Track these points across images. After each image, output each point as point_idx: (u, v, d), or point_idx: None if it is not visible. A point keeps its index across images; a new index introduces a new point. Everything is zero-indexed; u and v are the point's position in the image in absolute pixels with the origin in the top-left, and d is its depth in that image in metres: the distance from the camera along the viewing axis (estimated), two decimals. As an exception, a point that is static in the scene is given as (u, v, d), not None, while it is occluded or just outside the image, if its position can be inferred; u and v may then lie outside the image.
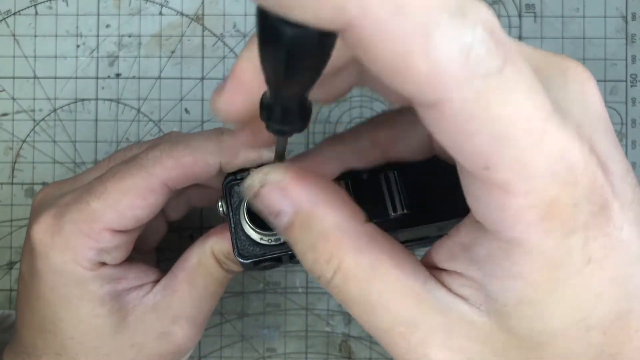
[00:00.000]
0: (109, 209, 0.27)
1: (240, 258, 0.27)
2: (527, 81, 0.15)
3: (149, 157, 0.28)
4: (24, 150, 0.38)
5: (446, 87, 0.14)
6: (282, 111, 0.17)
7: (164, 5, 0.39)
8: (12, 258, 0.38)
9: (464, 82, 0.14)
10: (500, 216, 0.17)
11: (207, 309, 0.31)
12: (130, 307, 0.29)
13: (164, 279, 0.30)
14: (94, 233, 0.27)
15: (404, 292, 0.19)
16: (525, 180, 0.16)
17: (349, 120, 0.39)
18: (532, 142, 0.15)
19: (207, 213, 0.38)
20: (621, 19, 0.38)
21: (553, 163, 0.16)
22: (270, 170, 0.20)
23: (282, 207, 0.20)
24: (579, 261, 0.17)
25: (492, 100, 0.15)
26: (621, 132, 0.38)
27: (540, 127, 0.15)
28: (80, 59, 0.39)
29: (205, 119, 0.38)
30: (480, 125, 0.15)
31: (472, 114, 0.15)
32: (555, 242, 0.17)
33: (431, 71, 0.14)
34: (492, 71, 0.14)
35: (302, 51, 0.14)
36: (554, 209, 0.16)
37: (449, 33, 0.14)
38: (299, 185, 0.20)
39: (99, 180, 0.28)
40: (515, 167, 0.15)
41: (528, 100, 0.15)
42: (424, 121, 0.16)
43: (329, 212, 0.19)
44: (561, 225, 0.17)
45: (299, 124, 0.18)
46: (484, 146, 0.15)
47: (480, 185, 0.16)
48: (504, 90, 0.15)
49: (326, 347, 0.38)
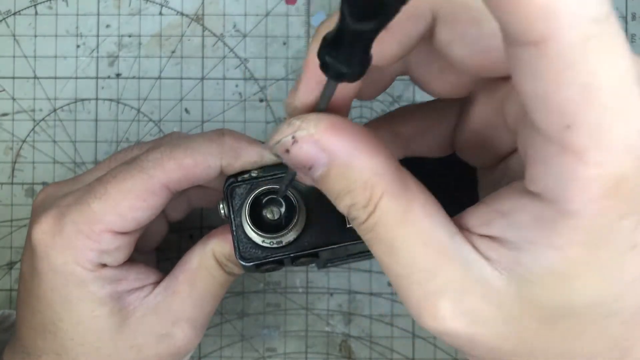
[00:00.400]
0: (109, 211, 0.27)
1: (242, 260, 0.27)
2: (623, 42, 0.15)
3: (149, 158, 0.28)
4: (24, 150, 0.38)
5: (558, 24, 0.14)
6: (349, 50, 0.16)
7: (164, 5, 0.39)
8: (12, 258, 0.38)
9: (575, 22, 0.14)
10: (565, 185, 0.16)
11: (207, 311, 0.31)
12: (130, 309, 0.29)
13: (165, 280, 0.30)
14: (95, 234, 0.27)
15: (429, 240, 0.19)
16: (601, 150, 0.15)
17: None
18: (618, 108, 0.15)
19: (207, 213, 0.38)
20: (621, 19, 0.38)
21: (631, 135, 0.15)
22: (301, 123, 0.19)
23: (317, 161, 0.19)
24: (624, 245, 0.17)
25: (594, 50, 0.14)
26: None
27: (628, 95, 0.15)
28: (80, 59, 0.39)
29: (205, 119, 0.38)
30: (576, 74, 0.15)
31: (573, 60, 0.14)
32: (608, 221, 0.16)
33: (550, 3, 0.14)
34: (601, 17, 0.14)
35: None
36: (620, 187, 0.16)
37: None
38: (334, 135, 0.19)
39: (100, 182, 0.28)
40: (596, 131, 0.15)
41: (622, 62, 0.15)
42: (517, 67, 0.16)
43: (366, 159, 0.19)
44: (621, 204, 0.16)
45: (359, 68, 0.17)
46: (572, 100, 0.15)
47: (553, 150, 0.16)
48: (606, 40, 0.14)
49: (326, 347, 0.38)
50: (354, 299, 0.38)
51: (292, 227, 0.26)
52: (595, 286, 0.18)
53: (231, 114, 0.38)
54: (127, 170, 0.27)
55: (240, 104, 0.39)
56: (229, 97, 0.39)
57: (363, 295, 0.38)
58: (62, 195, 0.29)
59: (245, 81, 0.39)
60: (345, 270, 0.38)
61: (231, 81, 0.39)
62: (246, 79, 0.39)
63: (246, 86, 0.39)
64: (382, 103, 0.39)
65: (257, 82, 0.39)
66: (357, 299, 0.38)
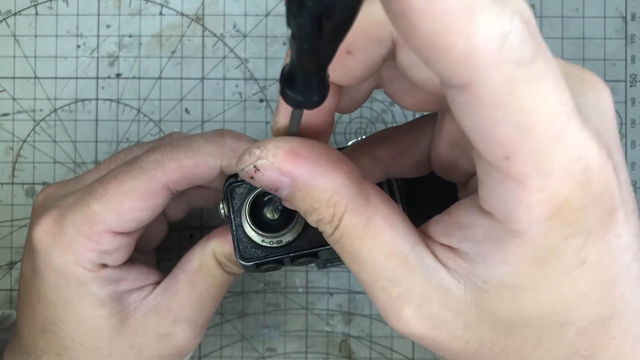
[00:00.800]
0: (110, 212, 0.27)
1: (242, 260, 0.27)
2: (555, 76, 0.16)
3: (150, 159, 0.28)
4: (24, 150, 0.38)
5: (480, 69, 0.15)
6: (302, 81, 0.17)
7: (164, 5, 0.39)
8: (13, 258, 0.38)
9: (497, 66, 0.15)
10: (510, 208, 0.17)
11: (207, 311, 0.31)
12: (131, 309, 0.29)
13: (165, 280, 0.30)
14: (95, 235, 0.27)
15: (391, 250, 0.20)
16: (541, 176, 0.16)
17: (349, 121, 0.39)
18: (553, 137, 0.16)
19: (207, 213, 0.38)
20: (621, 19, 0.38)
21: (571, 162, 0.16)
22: (261, 152, 0.20)
23: (280, 184, 0.20)
24: (571, 262, 0.18)
25: (521, 88, 0.15)
26: (621, 132, 0.38)
27: (563, 124, 0.16)
28: (80, 59, 0.39)
29: (206, 119, 0.39)
30: (506, 111, 0.15)
31: (500, 100, 0.15)
32: (554, 241, 0.17)
33: (469, 52, 0.14)
34: (525, 60, 0.15)
35: (332, 13, 0.14)
36: (563, 209, 0.17)
37: (489, 18, 0.14)
38: (293, 161, 0.20)
39: (100, 182, 0.28)
40: (534, 160, 0.16)
41: (554, 94, 0.15)
42: (453, 105, 0.16)
43: (326, 179, 0.20)
44: (565, 226, 0.17)
45: (317, 97, 0.18)
46: (507, 134, 0.15)
47: (497, 177, 0.17)
48: (533, 80, 0.15)
49: (326, 346, 0.38)
50: (354, 298, 0.38)
51: (292, 226, 0.26)
52: (547, 298, 0.19)
53: (231, 114, 0.39)
54: (128, 171, 0.27)
55: (241, 104, 0.39)
56: (229, 97, 0.39)
57: (363, 295, 0.38)
58: (63, 196, 0.29)
59: (245, 81, 0.39)
60: (345, 270, 0.38)
61: (231, 81, 0.39)
62: (246, 79, 0.39)
63: (246, 86, 0.39)
64: (382, 103, 0.39)
65: (257, 82, 0.39)
66: (357, 298, 0.38)
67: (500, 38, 0.14)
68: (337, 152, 0.21)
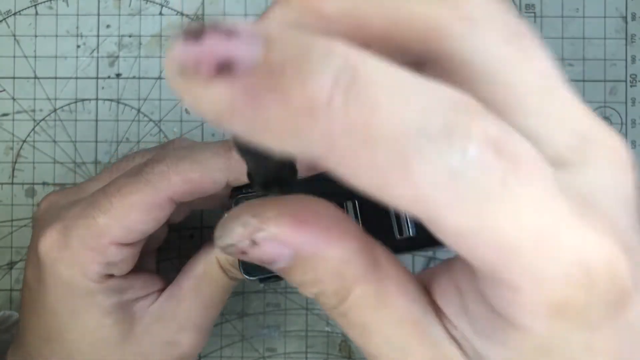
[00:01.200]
0: (115, 225, 0.27)
1: (246, 275, 0.27)
2: (538, 188, 0.14)
3: (155, 172, 0.27)
4: (24, 150, 0.38)
5: (437, 212, 0.13)
6: (264, 180, 0.17)
7: (164, 5, 0.39)
8: (13, 258, 0.38)
9: (456, 207, 0.13)
10: (509, 308, 0.15)
11: (212, 317, 0.31)
12: (136, 317, 0.29)
13: (169, 288, 0.30)
14: (101, 248, 0.27)
15: (404, 317, 0.18)
16: (536, 285, 0.14)
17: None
18: (543, 253, 0.14)
19: (207, 213, 0.38)
20: (621, 19, 0.38)
21: (567, 267, 0.14)
22: (259, 223, 0.16)
23: (280, 257, 0.17)
24: (577, 350, 0.16)
25: (495, 216, 0.13)
26: (621, 133, 0.38)
27: (554, 236, 0.14)
28: (80, 59, 0.39)
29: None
30: (483, 240, 0.13)
31: (472, 232, 0.13)
32: (558, 334, 0.16)
33: (417, 199, 0.13)
34: (493, 189, 0.13)
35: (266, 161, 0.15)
36: (565, 310, 0.15)
37: (430, 159, 0.12)
38: (299, 230, 0.17)
39: (104, 194, 0.28)
40: (525, 275, 0.14)
41: (538, 210, 0.14)
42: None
43: (335, 247, 0.17)
44: (569, 322, 0.15)
45: (284, 188, 0.17)
46: (490, 259, 0.14)
47: (488, 283, 0.15)
48: (509, 203, 0.13)
49: (326, 347, 0.38)
50: (354, 299, 0.38)
51: None
52: None
53: (231, 114, 0.38)
54: (133, 184, 0.27)
55: (241, 104, 0.39)
56: (229, 97, 0.39)
57: (363, 295, 0.38)
58: (66, 205, 0.29)
59: (245, 81, 0.39)
60: (345, 270, 0.38)
61: (231, 81, 0.39)
62: (246, 79, 0.39)
63: (246, 86, 0.39)
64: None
65: (257, 82, 0.39)
66: (357, 299, 0.38)
67: (452, 177, 0.12)
68: (338, 209, 0.18)
